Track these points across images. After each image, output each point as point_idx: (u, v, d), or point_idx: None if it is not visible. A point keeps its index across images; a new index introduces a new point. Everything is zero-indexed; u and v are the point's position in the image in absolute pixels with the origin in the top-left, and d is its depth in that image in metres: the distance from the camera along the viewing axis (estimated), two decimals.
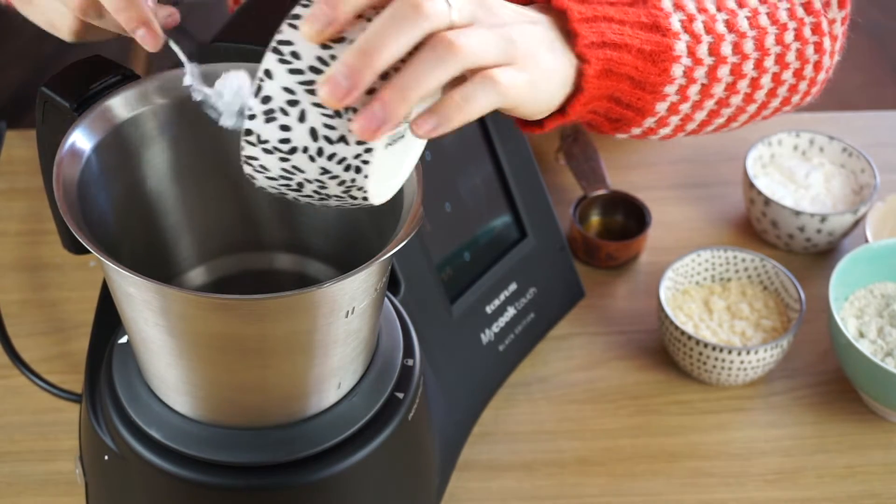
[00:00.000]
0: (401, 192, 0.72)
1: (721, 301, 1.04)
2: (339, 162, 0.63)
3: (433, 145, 0.94)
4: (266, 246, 0.84)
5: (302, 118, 0.62)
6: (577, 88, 0.73)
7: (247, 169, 0.64)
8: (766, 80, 0.82)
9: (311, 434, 0.75)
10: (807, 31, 0.83)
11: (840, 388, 1.02)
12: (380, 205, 0.67)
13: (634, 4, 0.76)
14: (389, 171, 0.66)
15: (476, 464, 0.95)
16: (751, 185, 1.12)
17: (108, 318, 0.84)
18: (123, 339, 0.80)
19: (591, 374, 1.03)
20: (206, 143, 0.76)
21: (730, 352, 0.98)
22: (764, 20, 0.81)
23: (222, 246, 0.84)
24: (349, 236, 0.80)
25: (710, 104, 0.81)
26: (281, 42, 0.62)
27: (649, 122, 0.79)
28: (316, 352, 0.71)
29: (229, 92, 0.66)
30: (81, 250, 0.76)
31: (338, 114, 0.61)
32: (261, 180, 0.65)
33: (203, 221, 0.81)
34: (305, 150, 0.62)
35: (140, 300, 0.69)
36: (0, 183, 1.18)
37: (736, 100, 0.82)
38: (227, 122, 0.67)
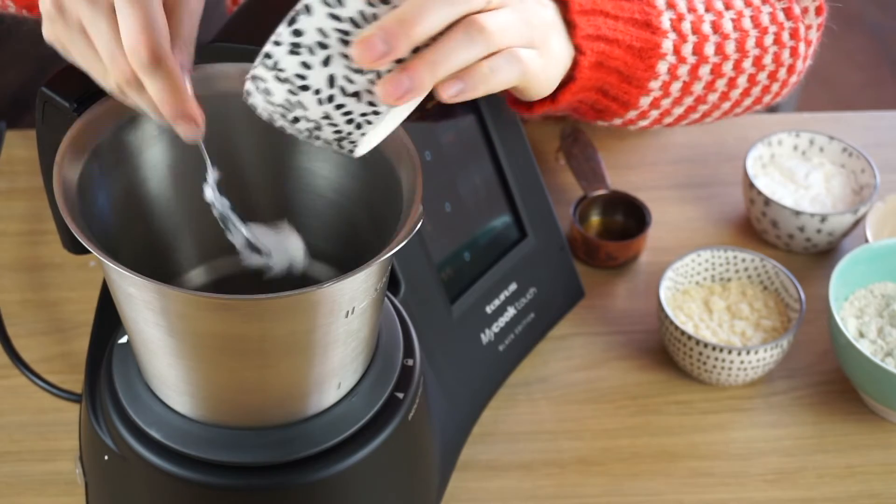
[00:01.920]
0: (401, 192, 0.72)
1: (721, 301, 1.04)
2: (345, 114, 0.65)
3: (433, 145, 0.94)
4: None
5: (326, 63, 0.63)
6: (570, 77, 0.76)
7: (249, 86, 0.65)
8: (742, 80, 0.84)
9: (311, 434, 0.75)
10: (785, 36, 0.84)
11: (840, 388, 1.02)
12: (362, 154, 0.69)
13: (630, 0, 0.78)
14: (379, 132, 0.69)
15: (476, 464, 0.95)
16: (751, 185, 1.12)
17: (108, 318, 0.84)
18: (123, 339, 0.80)
19: (591, 374, 1.03)
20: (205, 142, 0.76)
21: (730, 352, 0.97)
22: (747, 23, 0.82)
23: (222, 246, 0.83)
24: (349, 236, 0.80)
25: (689, 100, 0.83)
26: None
27: (631, 114, 0.82)
28: (316, 352, 0.71)
29: (279, 254, 0.73)
30: (81, 250, 0.76)
31: (361, 71, 0.63)
32: (258, 100, 0.65)
33: (203, 221, 0.80)
34: (318, 92, 0.64)
35: (140, 300, 0.69)
36: (0, 183, 1.18)
37: (713, 97, 0.84)
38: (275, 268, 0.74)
